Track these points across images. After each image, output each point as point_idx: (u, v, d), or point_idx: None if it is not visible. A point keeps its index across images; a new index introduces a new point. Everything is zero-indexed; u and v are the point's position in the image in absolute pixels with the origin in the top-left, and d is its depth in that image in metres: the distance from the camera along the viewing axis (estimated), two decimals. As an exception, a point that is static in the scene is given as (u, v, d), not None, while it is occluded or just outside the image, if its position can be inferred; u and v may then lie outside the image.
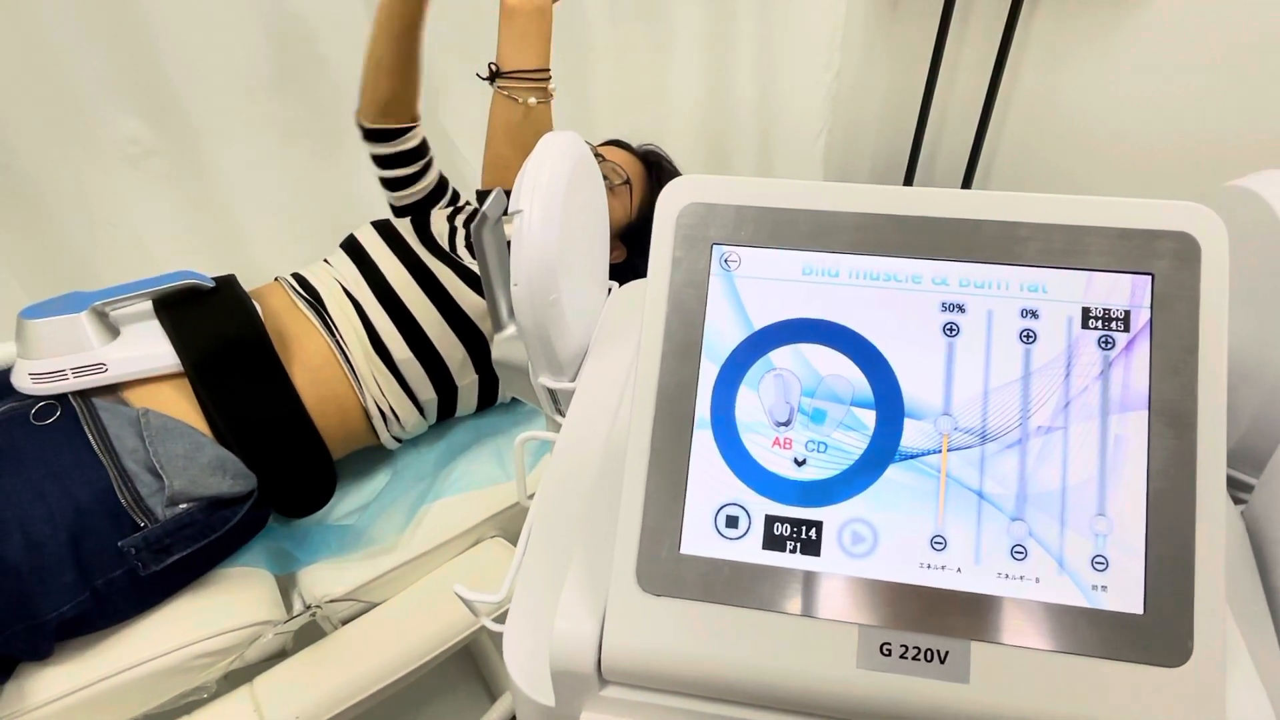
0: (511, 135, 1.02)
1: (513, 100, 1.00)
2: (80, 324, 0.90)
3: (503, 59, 1.00)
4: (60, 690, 0.80)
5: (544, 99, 1.02)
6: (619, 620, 0.41)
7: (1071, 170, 1.75)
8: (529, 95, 1.00)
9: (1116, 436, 0.39)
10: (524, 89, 1.00)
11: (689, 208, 0.44)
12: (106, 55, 1.13)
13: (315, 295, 1.05)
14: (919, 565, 0.40)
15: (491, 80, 1.01)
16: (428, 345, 1.05)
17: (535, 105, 1.01)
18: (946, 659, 0.38)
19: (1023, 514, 0.39)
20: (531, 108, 1.01)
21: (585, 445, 0.58)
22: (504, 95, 1.01)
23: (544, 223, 0.61)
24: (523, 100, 1.00)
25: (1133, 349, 0.40)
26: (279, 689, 0.89)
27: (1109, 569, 0.38)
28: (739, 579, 0.41)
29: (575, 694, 0.43)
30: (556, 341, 0.65)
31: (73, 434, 0.85)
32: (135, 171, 1.22)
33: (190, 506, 0.84)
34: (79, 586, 0.79)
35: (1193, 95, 1.52)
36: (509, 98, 1.00)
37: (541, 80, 1.01)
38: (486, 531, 1.06)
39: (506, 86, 1.00)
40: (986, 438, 0.40)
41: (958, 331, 0.41)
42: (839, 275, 0.43)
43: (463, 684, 1.25)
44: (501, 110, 1.02)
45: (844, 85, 1.75)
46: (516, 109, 1.01)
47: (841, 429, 0.42)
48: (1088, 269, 0.40)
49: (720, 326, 0.43)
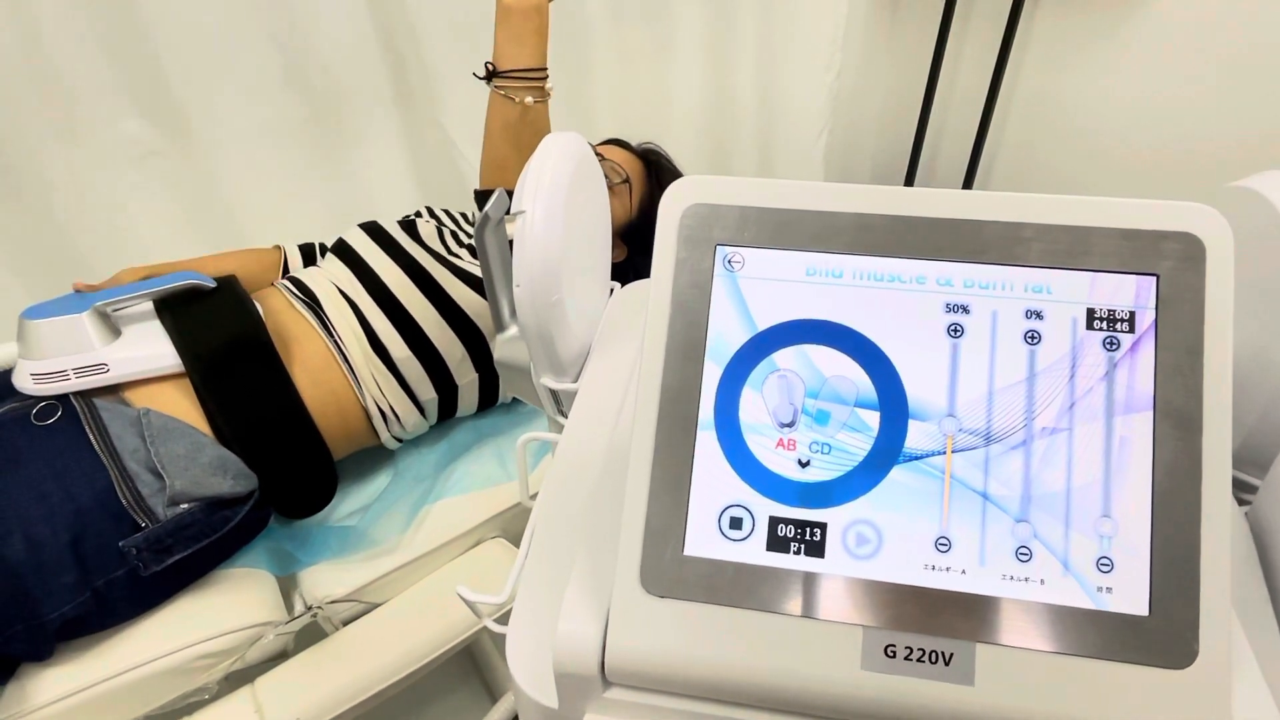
0: (509, 135, 1.02)
1: (510, 100, 1.00)
2: (82, 324, 0.90)
3: (499, 58, 1.00)
4: (62, 691, 0.80)
5: (541, 98, 1.02)
6: (622, 622, 0.41)
7: (1073, 171, 1.75)
8: (526, 94, 1.00)
9: (1121, 438, 0.39)
10: (521, 88, 1.00)
11: (692, 208, 0.44)
12: (107, 56, 1.13)
13: (312, 297, 1.05)
14: (923, 567, 0.40)
15: (488, 80, 1.01)
16: (426, 343, 1.05)
17: (532, 104, 1.01)
18: (951, 661, 0.38)
19: (1027, 515, 0.39)
20: (529, 107, 1.01)
21: (588, 446, 0.58)
22: (501, 95, 1.01)
23: (546, 223, 0.61)
24: (519, 99, 1.00)
25: (1138, 350, 0.39)
26: (280, 690, 0.89)
27: (1114, 570, 0.38)
28: (743, 580, 0.41)
29: (578, 695, 0.43)
30: (559, 342, 0.64)
31: (74, 434, 0.85)
32: (136, 172, 1.22)
33: (191, 506, 0.84)
34: (80, 586, 0.79)
35: (1194, 95, 1.52)
36: (506, 97, 1.00)
37: (538, 79, 1.01)
38: (488, 532, 1.06)
39: (503, 86, 1.00)
40: (991, 439, 0.40)
41: (962, 332, 0.41)
42: (843, 276, 0.43)
43: (464, 685, 1.25)
44: (499, 110, 1.02)
45: (845, 85, 1.75)
46: (513, 108, 1.01)
47: (845, 430, 0.42)
48: (1092, 270, 0.40)
49: (724, 327, 0.43)
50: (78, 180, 1.18)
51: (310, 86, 1.30)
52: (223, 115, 1.25)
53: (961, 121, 1.81)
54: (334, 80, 1.31)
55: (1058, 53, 1.65)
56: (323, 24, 1.25)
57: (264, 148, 1.30)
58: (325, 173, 1.38)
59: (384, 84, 1.37)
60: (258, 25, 1.21)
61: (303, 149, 1.34)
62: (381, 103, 1.38)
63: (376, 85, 1.36)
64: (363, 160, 1.41)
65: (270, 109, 1.29)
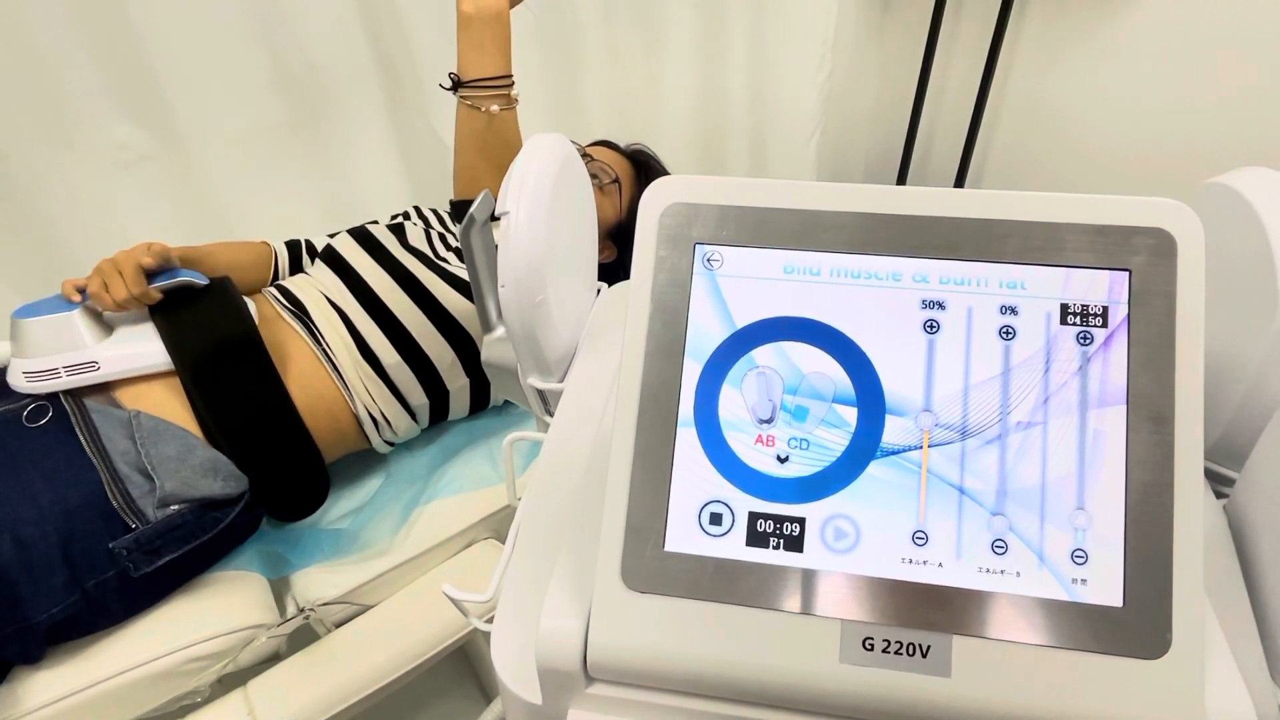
0: (478, 144, 1.02)
1: (476, 109, 0.99)
2: (73, 322, 0.90)
3: (463, 68, 0.99)
4: (52, 695, 0.80)
5: (507, 106, 1.01)
6: (604, 618, 0.41)
7: (1064, 170, 1.76)
8: (491, 103, 0.99)
9: (1095, 431, 0.39)
10: (486, 97, 0.99)
11: (671, 208, 0.44)
12: (98, 61, 1.13)
13: (299, 306, 1.05)
14: (901, 560, 0.40)
15: (454, 90, 1.01)
16: (415, 349, 1.05)
17: (499, 113, 1.00)
18: (928, 653, 0.39)
19: (1003, 509, 0.40)
20: (495, 115, 1.00)
21: (572, 445, 0.58)
22: (467, 105, 1.00)
23: (530, 224, 0.61)
24: (485, 109, 0.99)
25: (1110, 344, 0.40)
26: (273, 692, 0.89)
27: (1088, 562, 0.39)
28: (723, 576, 0.41)
29: (562, 692, 0.43)
30: (544, 342, 0.65)
31: (64, 436, 0.85)
32: (127, 176, 1.22)
33: (181, 508, 0.84)
34: (70, 588, 0.79)
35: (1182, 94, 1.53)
36: (472, 107, 0.99)
37: (503, 87, 1.00)
38: (480, 533, 1.06)
39: (469, 96, 0.99)
40: (967, 433, 0.41)
41: (938, 328, 0.42)
42: (820, 274, 0.43)
43: (458, 686, 1.25)
44: (466, 120, 1.01)
45: (836, 86, 1.76)
46: (480, 118, 1.00)
47: (824, 426, 0.42)
48: (1066, 265, 0.41)
49: (703, 325, 0.43)
50: (69, 185, 1.18)
51: (300, 88, 1.30)
52: (213, 119, 1.25)
53: (953, 121, 1.82)
54: (323, 81, 1.31)
55: (1047, 53, 1.66)
56: (311, 25, 1.26)
57: (254, 151, 1.30)
58: (316, 174, 1.38)
59: (373, 84, 1.37)
60: (247, 28, 1.22)
61: (293, 151, 1.34)
62: (371, 103, 1.38)
63: (366, 86, 1.36)
64: (353, 161, 1.41)
65: (260, 112, 1.29)
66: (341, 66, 1.32)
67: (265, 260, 1.17)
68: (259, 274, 1.15)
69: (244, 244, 1.16)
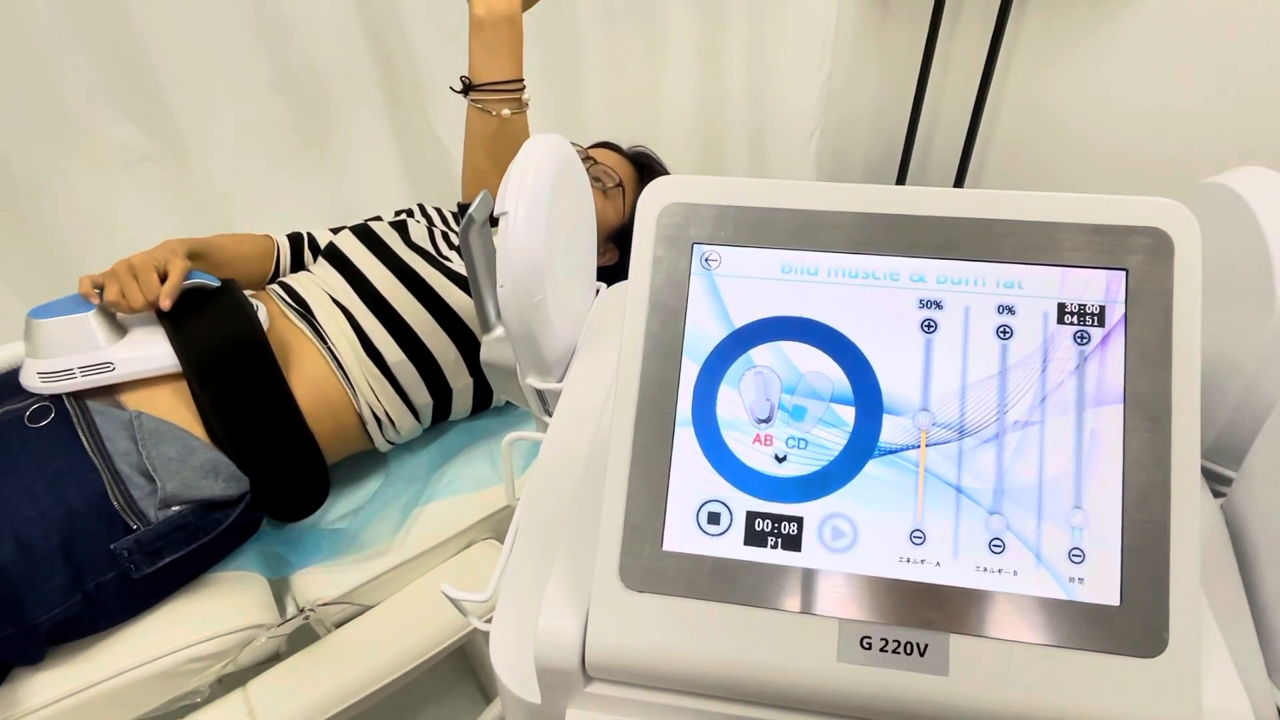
0: (488, 148, 1.01)
1: (487, 113, 0.99)
2: (88, 323, 0.91)
3: (474, 71, 0.99)
4: (53, 695, 0.80)
5: (518, 110, 1.01)
6: (602, 617, 0.41)
7: (1063, 170, 1.76)
8: (502, 107, 0.99)
9: (1092, 430, 0.39)
10: (497, 101, 0.99)
11: (669, 207, 0.44)
12: (98, 61, 1.14)
13: (304, 304, 1.05)
14: (898, 559, 0.40)
15: (464, 93, 1.01)
16: (420, 347, 1.05)
17: (510, 116, 0.99)
18: (926, 652, 0.39)
19: (1000, 508, 0.40)
20: (506, 119, 0.99)
21: (571, 445, 0.58)
22: (478, 108, 1.00)
23: (529, 225, 0.61)
24: (496, 112, 0.99)
25: (1107, 344, 0.40)
26: (273, 693, 0.89)
27: (1085, 561, 0.39)
28: (721, 575, 0.41)
29: (560, 691, 0.43)
30: (543, 342, 0.65)
31: (66, 437, 0.85)
32: (128, 177, 1.23)
33: (182, 509, 0.85)
34: (71, 589, 0.79)
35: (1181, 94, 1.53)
36: (483, 110, 0.99)
37: (514, 91, 1.00)
38: (479, 534, 1.07)
39: (480, 99, 0.99)
40: (964, 433, 0.41)
41: (935, 328, 0.42)
42: (818, 273, 0.43)
43: (458, 686, 1.25)
44: (476, 123, 1.01)
45: (836, 86, 1.76)
46: (490, 121, 1.00)
47: (821, 425, 0.42)
48: (1063, 265, 0.41)
49: (701, 325, 0.44)
50: (70, 186, 1.19)
51: (300, 89, 1.31)
52: (214, 120, 1.25)
53: (952, 121, 1.82)
54: (323, 82, 1.32)
55: (1046, 53, 1.66)
56: (311, 26, 1.26)
57: (255, 151, 1.31)
58: (316, 175, 1.38)
59: (373, 85, 1.37)
60: (247, 29, 1.22)
61: (293, 152, 1.34)
62: (371, 104, 1.38)
63: (366, 86, 1.37)
64: (353, 162, 1.41)
65: (260, 112, 1.29)
66: (341, 67, 1.32)
67: (268, 253, 1.17)
68: (262, 266, 1.16)
69: (247, 236, 1.17)
